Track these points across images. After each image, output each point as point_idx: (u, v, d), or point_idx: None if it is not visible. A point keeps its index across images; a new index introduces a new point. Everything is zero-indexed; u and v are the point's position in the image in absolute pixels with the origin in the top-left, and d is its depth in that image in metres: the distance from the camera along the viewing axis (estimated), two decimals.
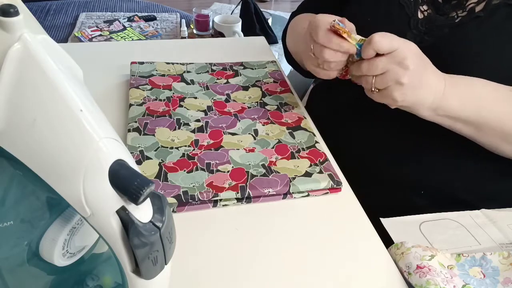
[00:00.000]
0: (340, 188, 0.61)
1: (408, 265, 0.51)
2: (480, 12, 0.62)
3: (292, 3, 3.21)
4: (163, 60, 0.84)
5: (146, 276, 0.33)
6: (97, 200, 0.29)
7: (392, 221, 0.59)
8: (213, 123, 0.69)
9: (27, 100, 0.29)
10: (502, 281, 0.51)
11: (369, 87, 0.59)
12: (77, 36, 1.84)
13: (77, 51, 0.91)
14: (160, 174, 0.58)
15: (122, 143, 0.32)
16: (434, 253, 0.52)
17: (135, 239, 0.30)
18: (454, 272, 0.51)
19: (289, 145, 0.66)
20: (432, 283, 0.47)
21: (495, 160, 0.66)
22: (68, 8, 2.16)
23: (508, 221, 0.61)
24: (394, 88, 0.57)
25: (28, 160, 0.30)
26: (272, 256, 0.53)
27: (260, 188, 0.58)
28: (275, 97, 0.77)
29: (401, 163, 0.70)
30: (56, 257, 0.35)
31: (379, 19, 0.69)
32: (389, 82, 0.56)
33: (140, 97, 0.72)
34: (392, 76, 0.56)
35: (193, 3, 3.03)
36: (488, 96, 0.60)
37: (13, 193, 0.33)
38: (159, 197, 0.33)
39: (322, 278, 0.50)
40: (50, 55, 0.30)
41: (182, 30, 1.99)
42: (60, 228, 0.34)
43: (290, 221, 0.57)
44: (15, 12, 0.28)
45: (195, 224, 0.55)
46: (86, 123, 0.29)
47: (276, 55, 0.95)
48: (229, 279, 0.50)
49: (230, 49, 0.95)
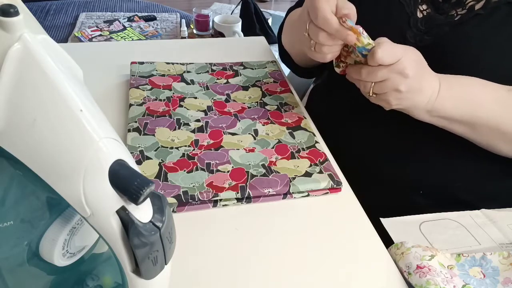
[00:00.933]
0: (340, 188, 0.61)
1: (408, 265, 0.51)
2: (480, 10, 0.62)
3: (292, 3, 3.21)
4: (163, 60, 0.84)
5: (146, 276, 0.33)
6: (97, 200, 0.29)
7: (392, 221, 0.59)
8: (213, 123, 0.69)
9: (27, 100, 0.29)
10: (502, 281, 0.51)
11: (367, 92, 0.59)
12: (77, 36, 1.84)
13: (77, 51, 0.91)
14: (160, 174, 0.58)
15: (122, 143, 0.32)
16: (434, 253, 0.52)
17: (135, 239, 0.30)
18: (454, 272, 0.51)
19: (289, 145, 0.66)
20: (432, 283, 0.47)
21: (495, 160, 0.66)
22: (68, 8, 2.16)
23: (508, 221, 0.61)
24: (391, 94, 0.57)
25: (28, 160, 0.30)
26: (272, 256, 0.53)
27: (260, 188, 0.58)
28: (275, 97, 0.77)
29: (401, 163, 0.70)
30: (56, 257, 0.35)
31: (379, 18, 0.69)
32: (387, 89, 0.57)
33: (140, 97, 0.72)
34: (391, 84, 0.56)
35: (193, 3, 3.03)
36: (484, 96, 0.60)
37: (13, 193, 0.33)
38: (159, 197, 0.33)
39: (322, 278, 0.50)
40: (50, 55, 0.30)
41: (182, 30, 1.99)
42: (60, 228, 0.34)
43: (290, 221, 0.57)
44: (15, 12, 0.28)
45: (195, 224, 0.55)
46: (86, 123, 0.29)
47: (276, 55, 0.95)
48: (229, 279, 0.50)
49: (230, 49, 0.95)
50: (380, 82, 0.57)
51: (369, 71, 0.57)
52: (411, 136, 0.68)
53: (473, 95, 0.60)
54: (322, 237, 0.55)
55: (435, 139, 0.67)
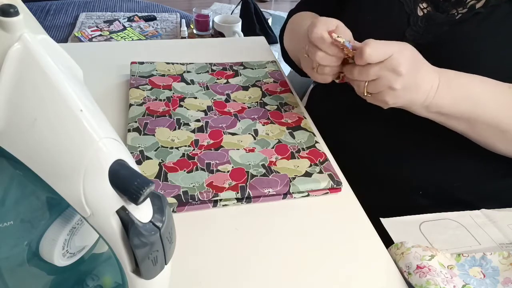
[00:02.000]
0: (340, 188, 0.61)
1: (408, 265, 0.51)
2: (480, 9, 0.62)
3: (291, 3, 3.21)
4: (163, 60, 0.84)
5: (146, 276, 0.33)
6: (97, 200, 0.29)
7: (392, 221, 0.59)
8: (213, 123, 0.69)
9: (27, 100, 0.29)
10: (502, 281, 0.51)
11: (361, 91, 0.59)
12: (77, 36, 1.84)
13: (77, 51, 0.91)
14: (160, 174, 0.58)
15: (122, 143, 0.32)
16: (434, 253, 0.52)
17: (135, 239, 0.30)
18: (454, 272, 0.51)
19: (289, 145, 0.66)
20: (432, 283, 0.47)
21: (494, 159, 0.66)
22: (68, 8, 2.16)
23: (508, 221, 0.61)
24: (386, 93, 0.57)
25: (28, 160, 0.30)
26: (272, 256, 0.53)
27: (260, 188, 0.58)
28: (275, 97, 0.77)
29: (401, 163, 0.70)
30: (56, 257, 0.35)
31: (379, 17, 0.69)
32: (382, 88, 0.56)
33: (140, 97, 0.72)
34: (384, 82, 0.56)
35: (193, 3, 3.03)
36: (484, 93, 0.60)
37: (13, 193, 0.33)
38: (159, 197, 0.33)
39: (322, 278, 0.50)
40: (50, 55, 0.30)
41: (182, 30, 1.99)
42: (60, 228, 0.34)
43: (290, 221, 0.57)
44: (15, 12, 0.28)
45: (195, 224, 0.55)
46: (86, 123, 0.29)
47: (276, 55, 0.95)
48: (229, 279, 0.50)
49: (230, 49, 0.95)
50: (373, 81, 0.56)
51: (361, 70, 0.56)
52: (411, 136, 0.68)
53: (472, 92, 0.59)
54: (322, 237, 0.55)
55: (435, 139, 0.67)
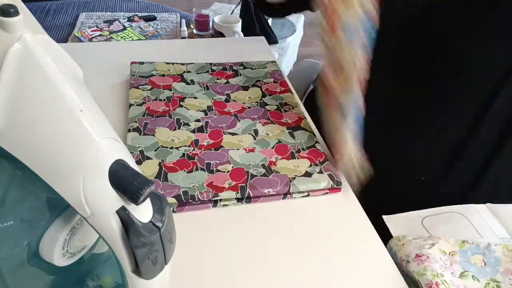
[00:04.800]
0: (340, 188, 0.61)
1: (407, 255, 0.51)
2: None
3: None
4: (163, 60, 0.83)
5: (146, 276, 0.33)
6: (97, 200, 0.29)
7: (394, 217, 0.59)
8: (213, 123, 0.69)
9: (27, 100, 0.29)
10: (502, 271, 0.51)
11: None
12: (77, 36, 1.83)
13: (77, 51, 0.91)
14: (160, 174, 0.58)
15: (122, 143, 0.32)
16: (435, 241, 0.52)
17: (135, 239, 0.30)
18: (455, 259, 0.51)
19: (289, 145, 0.66)
20: (429, 269, 0.47)
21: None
22: (68, 8, 2.16)
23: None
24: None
25: (28, 160, 0.30)
26: (272, 256, 0.53)
27: (260, 188, 0.58)
28: (275, 97, 0.77)
29: (401, 163, 0.70)
30: (56, 257, 0.35)
31: None
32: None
33: (140, 97, 0.72)
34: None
35: (193, 3, 3.03)
36: None
37: (13, 193, 0.33)
38: (159, 197, 0.33)
39: (322, 278, 0.50)
40: (50, 55, 0.30)
41: (182, 30, 1.98)
42: (60, 228, 0.34)
43: (290, 221, 0.57)
44: (15, 12, 0.28)
45: (195, 224, 0.55)
46: (86, 123, 0.29)
47: (276, 55, 0.95)
48: (229, 279, 0.50)
49: (230, 49, 0.95)
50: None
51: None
52: (409, 132, 0.68)
53: None
54: (322, 237, 0.55)
55: (435, 137, 0.67)
